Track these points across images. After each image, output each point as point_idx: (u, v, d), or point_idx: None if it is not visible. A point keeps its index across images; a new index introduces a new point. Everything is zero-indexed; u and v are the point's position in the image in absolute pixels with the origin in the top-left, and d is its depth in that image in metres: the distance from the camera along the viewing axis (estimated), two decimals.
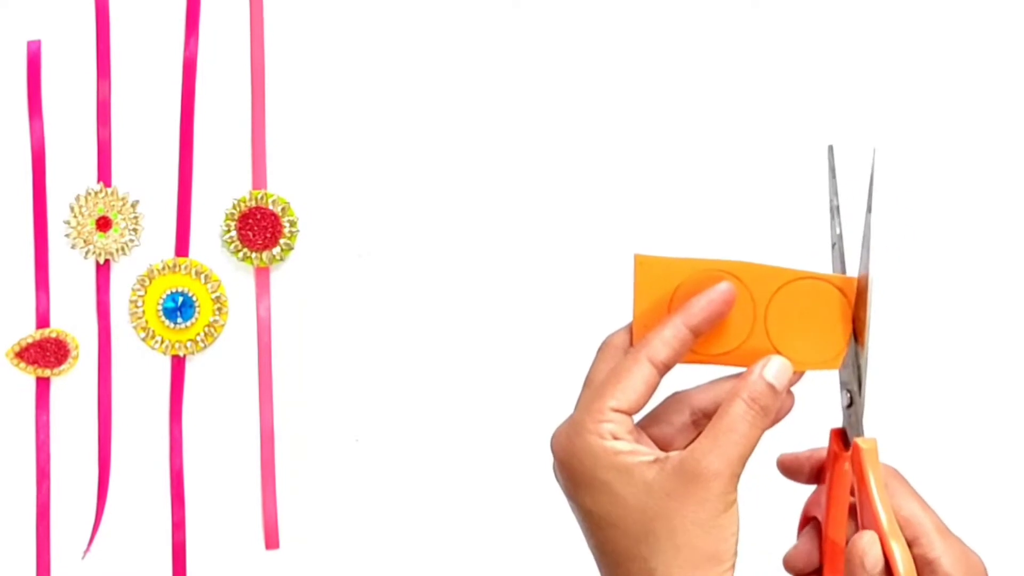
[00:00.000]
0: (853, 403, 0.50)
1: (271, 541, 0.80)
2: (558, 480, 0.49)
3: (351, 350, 0.81)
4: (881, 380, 0.52)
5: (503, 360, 0.81)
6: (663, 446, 0.49)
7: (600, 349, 0.51)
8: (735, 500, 0.46)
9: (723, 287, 0.48)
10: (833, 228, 0.51)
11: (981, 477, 0.79)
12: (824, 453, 0.52)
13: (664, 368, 0.48)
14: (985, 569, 0.49)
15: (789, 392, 0.49)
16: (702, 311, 0.48)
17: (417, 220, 0.82)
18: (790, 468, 0.53)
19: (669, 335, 0.48)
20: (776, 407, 0.47)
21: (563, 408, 0.80)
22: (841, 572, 0.49)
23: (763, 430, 0.47)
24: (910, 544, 0.48)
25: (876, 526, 0.47)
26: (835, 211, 0.51)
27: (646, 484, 0.46)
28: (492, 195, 0.82)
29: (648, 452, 0.47)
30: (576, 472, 0.47)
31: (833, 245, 0.51)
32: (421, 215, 0.82)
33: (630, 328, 0.50)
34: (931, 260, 0.82)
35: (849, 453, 0.49)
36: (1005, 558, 0.51)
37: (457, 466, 0.81)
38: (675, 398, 0.50)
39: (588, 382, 0.50)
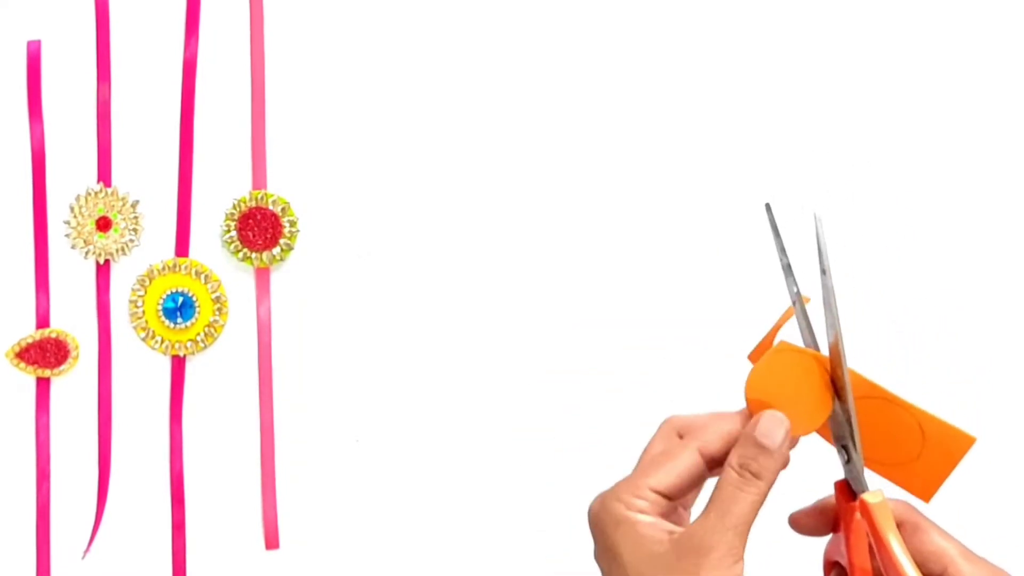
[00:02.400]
0: (851, 459, 0.50)
1: (271, 541, 0.80)
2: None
3: (351, 350, 0.81)
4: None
5: (503, 360, 0.81)
6: None
7: (660, 426, 0.52)
8: (739, 572, 0.46)
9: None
10: (790, 287, 0.51)
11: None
12: (831, 500, 0.51)
13: (713, 462, 0.49)
14: None
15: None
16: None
17: (417, 220, 0.82)
18: (804, 525, 0.53)
19: (726, 430, 0.49)
20: (773, 466, 0.48)
21: (562, 409, 0.80)
22: None
23: (761, 494, 0.47)
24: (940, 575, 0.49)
25: None
26: (787, 269, 0.51)
27: (651, 555, 0.46)
28: (492, 195, 0.82)
29: (668, 527, 0.47)
30: (599, 535, 0.48)
31: (793, 303, 0.51)
32: (421, 215, 0.82)
33: (690, 416, 0.51)
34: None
35: (858, 505, 0.49)
36: None
37: (457, 466, 0.81)
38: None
39: (641, 456, 0.51)
